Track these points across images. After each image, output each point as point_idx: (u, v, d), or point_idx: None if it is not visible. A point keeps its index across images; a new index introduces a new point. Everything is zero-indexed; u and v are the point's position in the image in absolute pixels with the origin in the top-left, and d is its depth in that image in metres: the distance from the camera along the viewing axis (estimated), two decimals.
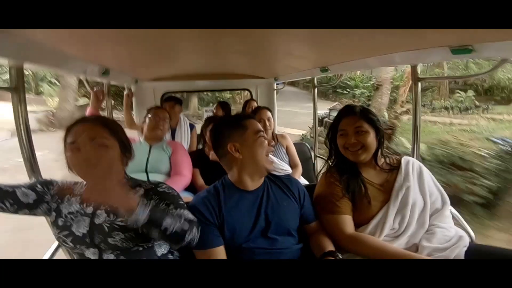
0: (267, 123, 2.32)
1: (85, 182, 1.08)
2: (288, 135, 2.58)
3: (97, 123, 1.03)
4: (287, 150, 2.45)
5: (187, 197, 1.92)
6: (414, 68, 1.65)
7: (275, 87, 3.51)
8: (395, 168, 1.35)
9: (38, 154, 1.35)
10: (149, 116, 2.10)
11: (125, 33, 1.10)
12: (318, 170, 2.86)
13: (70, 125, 1.03)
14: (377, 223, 1.26)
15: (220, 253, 1.12)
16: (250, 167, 1.19)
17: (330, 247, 1.19)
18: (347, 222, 1.27)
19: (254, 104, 3.18)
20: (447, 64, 11.82)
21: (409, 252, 1.18)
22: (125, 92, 2.85)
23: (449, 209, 1.33)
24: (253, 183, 1.21)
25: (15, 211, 1.03)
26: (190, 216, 1.04)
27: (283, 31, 1.21)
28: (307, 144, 2.96)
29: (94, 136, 0.99)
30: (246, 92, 3.77)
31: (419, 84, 1.65)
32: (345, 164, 1.35)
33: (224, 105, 3.39)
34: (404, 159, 1.37)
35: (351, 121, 1.32)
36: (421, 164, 1.39)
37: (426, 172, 1.36)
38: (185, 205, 1.09)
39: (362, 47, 1.52)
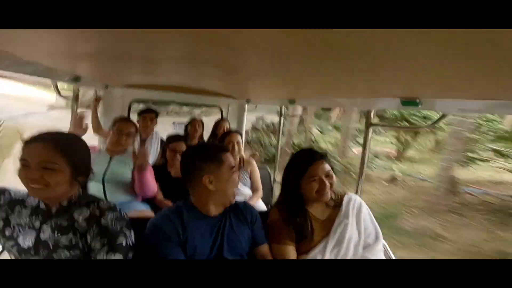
0: (236, 147, 2.35)
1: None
2: (253, 160, 2.60)
3: (51, 145, 0.99)
4: (251, 174, 2.49)
5: (143, 210, 1.92)
6: (368, 114, 1.82)
7: (245, 108, 3.55)
8: (338, 204, 1.47)
9: None
10: (114, 129, 2.05)
11: (98, 38, 1.03)
12: (277, 195, 2.93)
13: (27, 140, 1.00)
14: (316, 253, 1.38)
15: None
16: (218, 198, 1.26)
17: None
18: (290, 252, 1.37)
19: (226, 125, 3.13)
20: None
21: None
22: (94, 97, 2.81)
23: (381, 243, 1.46)
24: (215, 210, 1.27)
25: None
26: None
27: (258, 58, 1.22)
28: (268, 169, 3.04)
29: (44, 159, 0.96)
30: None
31: (370, 129, 1.81)
32: (296, 204, 1.44)
33: (201, 124, 3.20)
34: (346, 197, 1.49)
35: (322, 167, 1.39)
36: (362, 201, 1.52)
37: (365, 208, 1.50)
38: (124, 243, 1.05)
39: (328, 87, 1.62)
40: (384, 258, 1.46)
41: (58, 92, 2.03)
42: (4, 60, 1.16)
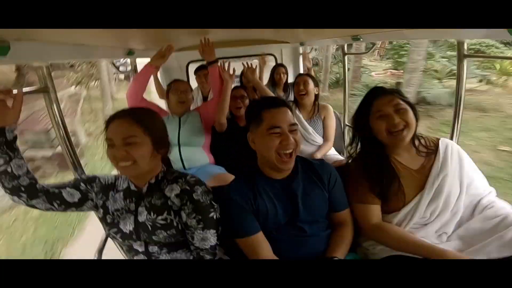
0: (302, 87, 2.28)
1: (125, 176, 1.13)
2: (330, 107, 2.45)
3: (131, 120, 1.02)
4: (324, 122, 2.37)
5: (220, 173, 1.97)
6: (460, 44, 1.49)
7: (300, 52, 3.36)
8: (432, 152, 1.26)
9: None
10: (172, 90, 2.08)
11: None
12: (348, 140, 2.82)
13: (108, 119, 1.05)
14: (408, 212, 1.22)
15: (262, 238, 1.14)
16: (265, 160, 1.17)
17: (338, 253, 1.16)
18: (374, 212, 1.25)
19: (283, 70, 3.11)
20: None
21: (431, 245, 1.14)
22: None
23: (492, 196, 1.26)
24: (277, 173, 1.19)
25: (64, 210, 1.10)
26: (213, 237, 1.08)
27: None
28: (337, 113, 2.88)
29: (126, 135, 1.00)
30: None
31: (465, 61, 1.50)
32: (375, 150, 1.27)
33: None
34: (442, 142, 1.28)
35: (388, 100, 1.21)
36: (460, 148, 1.30)
37: (466, 157, 1.28)
38: (215, 217, 1.09)
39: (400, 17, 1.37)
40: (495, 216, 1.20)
41: (117, 69, 2.08)
42: (61, 49, 1.18)
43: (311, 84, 2.28)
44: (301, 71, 3.47)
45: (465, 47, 1.48)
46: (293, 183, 1.19)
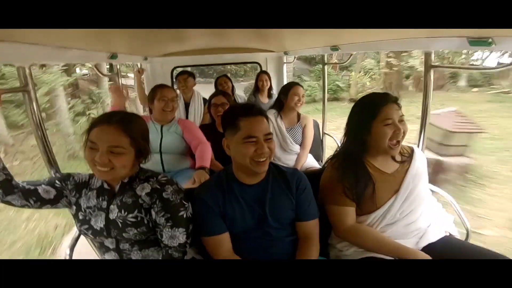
0: (301, 99, 2.32)
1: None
2: (310, 117, 2.51)
3: (121, 129, 1.02)
4: (304, 130, 2.41)
5: None
6: (427, 55, 1.59)
7: (285, 61, 3.45)
8: (406, 158, 1.34)
9: None
10: (157, 97, 2.03)
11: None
12: (326, 148, 2.90)
13: (94, 121, 1.05)
14: (381, 213, 1.28)
15: (224, 239, 1.17)
16: (239, 166, 1.19)
17: None
18: (349, 214, 1.29)
19: (265, 77, 3.19)
20: None
21: (405, 247, 1.21)
22: (135, 69, 2.87)
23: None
24: (249, 179, 1.21)
25: (39, 207, 1.11)
26: (182, 236, 1.10)
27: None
28: (316, 121, 2.96)
29: (113, 144, 1.00)
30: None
31: (431, 71, 1.59)
32: (356, 154, 1.31)
33: (228, 80, 3.31)
34: (416, 150, 1.36)
35: (396, 109, 1.24)
36: (424, 156, 1.39)
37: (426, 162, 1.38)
38: (185, 215, 1.11)
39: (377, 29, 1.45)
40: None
41: (100, 72, 2.08)
42: (45, 51, 1.20)
43: (302, 95, 2.34)
44: (285, 80, 3.55)
45: (432, 57, 1.57)
46: (262, 190, 1.21)
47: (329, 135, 2.91)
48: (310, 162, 2.44)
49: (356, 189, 1.27)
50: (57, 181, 1.14)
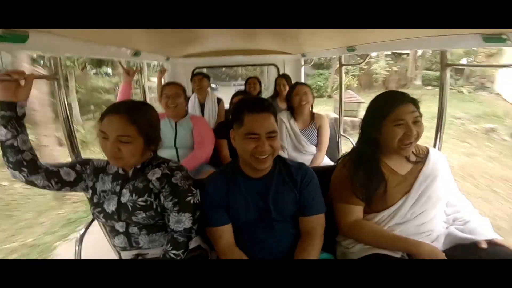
0: (303, 98, 2.27)
1: None
2: (326, 116, 2.47)
3: (128, 119, 1.08)
4: (319, 131, 2.37)
5: (208, 170, 2.05)
6: (443, 54, 1.57)
7: (302, 63, 3.47)
8: (421, 159, 1.31)
9: None
10: (162, 95, 2.12)
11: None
12: (342, 150, 2.87)
13: (104, 112, 1.12)
14: (390, 213, 1.26)
15: (225, 231, 1.21)
16: (243, 160, 1.21)
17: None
18: (355, 212, 1.29)
19: (283, 82, 3.17)
20: None
21: (407, 238, 1.20)
22: (158, 69, 2.99)
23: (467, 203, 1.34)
24: (255, 172, 1.22)
25: (59, 189, 1.18)
26: (188, 221, 1.14)
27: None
28: (332, 123, 2.94)
29: (120, 133, 1.07)
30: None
31: (448, 70, 1.57)
32: (369, 153, 1.29)
33: (258, 82, 3.34)
34: (432, 151, 1.33)
35: (410, 110, 1.20)
36: (443, 157, 1.35)
37: (447, 165, 1.34)
38: (192, 201, 1.16)
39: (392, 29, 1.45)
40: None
41: (122, 66, 2.18)
42: (73, 44, 1.29)
43: (310, 94, 2.31)
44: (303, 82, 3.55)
45: (448, 56, 1.55)
46: (267, 183, 1.23)
47: (346, 136, 2.89)
48: (326, 163, 2.39)
49: (368, 188, 1.25)
50: (77, 165, 1.21)
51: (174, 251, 1.12)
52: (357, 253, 1.26)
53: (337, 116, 2.34)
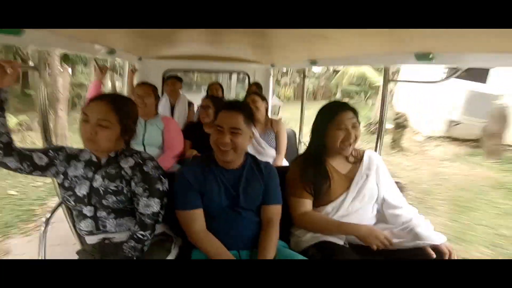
0: (251, 105, 2.39)
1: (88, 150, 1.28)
2: (282, 122, 2.64)
3: (110, 105, 1.18)
4: (276, 135, 2.55)
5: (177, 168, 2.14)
6: (386, 70, 1.82)
7: (271, 73, 3.66)
8: (358, 160, 1.54)
9: None
10: (133, 94, 2.20)
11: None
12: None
13: (92, 98, 1.22)
14: (334, 206, 1.46)
15: (198, 214, 1.31)
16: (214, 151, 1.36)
17: (268, 255, 1.28)
18: (305, 205, 1.47)
19: (253, 88, 3.31)
20: None
21: (348, 223, 1.40)
22: (129, 68, 3.03)
23: (403, 203, 1.52)
24: (226, 164, 1.36)
25: (30, 172, 1.22)
26: (157, 206, 1.24)
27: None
28: (293, 130, 3.13)
29: (101, 117, 1.16)
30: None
31: (389, 84, 1.82)
32: (317, 154, 1.50)
33: (220, 87, 3.49)
34: (367, 152, 1.56)
35: (348, 116, 1.42)
36: (381, 159, 1.57)
37: (384, 165, 1.56)
38: (161, 188, 1.26)
39: (348, 45, 1.65)
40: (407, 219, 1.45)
41: (97, 63, 2.24)
42: (51, 38, 1.35)
43: (259, 101, 2.46)
44: (271, 92, 3.73)
45: (389, 72, 1.80)
46: (239, 175, 1.38)
47: (305, 144, 3.08)
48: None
49: (315, 184, 1.45)
50: (50, 151, 1.27)
51: (141, 232, 1.21)
52: (307, 241, 1.43)
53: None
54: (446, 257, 1.33)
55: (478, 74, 7.38)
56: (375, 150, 1.93)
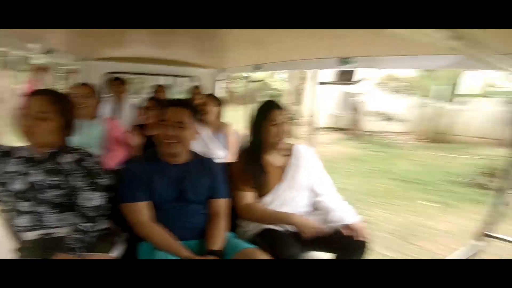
0: (203, 107, 2.48)
1: (24, 145, 1.25)
2: (230, 125, 2.71)
3: (49, 97, 1.19)
4: (226, 136, 2.62)
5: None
6: (314, 73, 2.02)
7: (217, 78, 3.70)
8: (289, 153, 1.67)
9: None
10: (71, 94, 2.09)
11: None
12: None
13: (34, 92, 1.21)
14: (271, 196, 1.59)
15: (145, 207, 1.33)
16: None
17: (216, 245, 1.34)
18: (247, 197, 1.57)
19: (198, 91, 3.36)
20: None
21: (283, 213, 1.54)
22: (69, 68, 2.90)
23: (332, 191, 1.69)
24: (172, 159, 1.41)
25: None
26: (99, 199, 1.26)
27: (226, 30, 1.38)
28: (239, 132, 3.22)
29: (40, 109, 1.17)
30: None
31: (318, 87, 2.02)
32: (254, 149, 1.62)
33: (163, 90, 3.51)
34: (296, 146, 1.70)
35: (280, 113, 1.58)
36: (310, 150, 1.73)
37: (314, 156, 1.71)
38: (102, 182, 1.28)
39: (288, 50, 1.81)
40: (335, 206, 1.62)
41: (36, 65, 2.13)
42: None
43: (210, 105, 2.54)
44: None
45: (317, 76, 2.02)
46: (184, 170, 1.43)
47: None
48: None
49: (254, 177, 1.57)
50: None
51: (83, 224, 1.22)
52: (252, 230, 1.55)
53: None
54: (355, 235, 1.47)
55: (347, 78, 9.41)
56: (308, 145, 2.03)
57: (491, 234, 1.62)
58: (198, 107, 2.54)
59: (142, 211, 1.33)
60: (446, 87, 8.91)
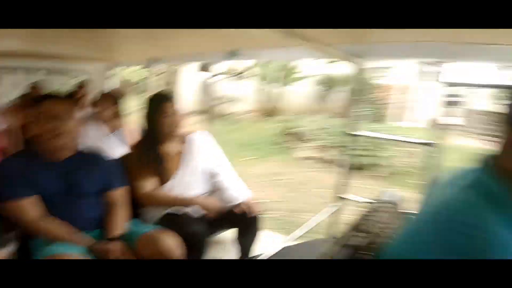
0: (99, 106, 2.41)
1: None
2: (129, 121, 2.63)
3: None
4: (126, 133, 2.49)
5: None
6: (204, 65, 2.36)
7: (107, 73, 3.45)
8: (184, 140, 1.71)
9: None
10: None
11: None
12: None
13: None
14: (172, 184, 1.63)
15: (31, 203, 1.24)
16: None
17: (116, 231, 1.35)
18: (147, 185, 1.59)
19: (82, 85, 3.18)
20: None
21: (184, 197, 1.61)
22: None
23: (227, 171, 1.77)
24: (55, 154, 1.33)
25: None
26: None
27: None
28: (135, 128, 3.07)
29: None
30: None
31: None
32: (151, 140, 1.63)
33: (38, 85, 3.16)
34: (191, 134, 1.73)
35: (171, 105, 1.62)
36: (206, 136, 1.78)
37: (210, 142, 1.78)
38: None
39: (180, 45, 1.92)
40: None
41: None
42: None
43: (105, 103, 2.42)
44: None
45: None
46: (70, 164, 1.36)
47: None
48: None
49: (152, 166, 1.60)
50: None
51: None
52: (153, 216, 1.60)
53: None
54: (247, 213, 1.61)
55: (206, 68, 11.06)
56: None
57: (342, 196, 1.98)
58: (79, 100, 2.58)
59: (28, 208, 1.24)
60: (279, 73, 11.77)
